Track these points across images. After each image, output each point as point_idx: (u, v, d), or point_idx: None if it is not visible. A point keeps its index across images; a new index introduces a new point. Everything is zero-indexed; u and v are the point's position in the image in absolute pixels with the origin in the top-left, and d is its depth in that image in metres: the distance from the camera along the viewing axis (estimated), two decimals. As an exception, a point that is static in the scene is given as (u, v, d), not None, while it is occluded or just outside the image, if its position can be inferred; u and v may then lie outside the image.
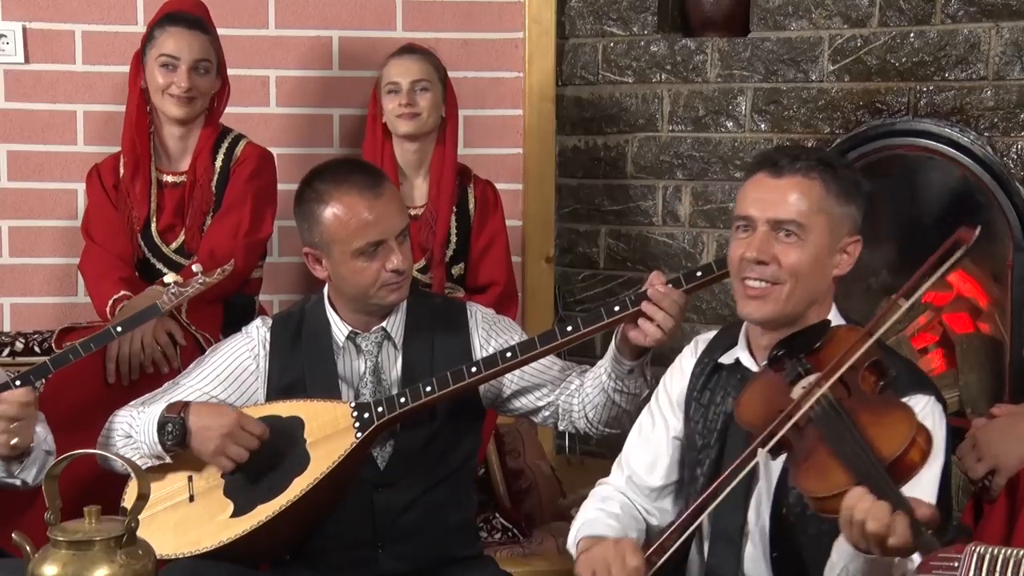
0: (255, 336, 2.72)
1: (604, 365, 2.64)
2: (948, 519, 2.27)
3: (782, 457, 2.09)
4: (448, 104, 3.59)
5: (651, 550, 2.16)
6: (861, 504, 1.84)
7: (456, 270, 3.58)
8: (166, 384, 2.78)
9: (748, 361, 2.31)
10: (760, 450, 2.05)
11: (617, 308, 2.58)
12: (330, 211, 2.57)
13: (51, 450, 2.66)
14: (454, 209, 3.58)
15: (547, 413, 2.74)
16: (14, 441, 2.53)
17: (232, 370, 2.70)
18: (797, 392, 2.07)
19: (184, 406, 2.57)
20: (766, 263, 2.22)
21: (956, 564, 1.87)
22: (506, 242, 3.66)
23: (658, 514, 2.42)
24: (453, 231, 3.58)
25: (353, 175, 2.60)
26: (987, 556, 1.86)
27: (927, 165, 3.56)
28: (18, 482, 2.62)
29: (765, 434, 2.04)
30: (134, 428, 2.61)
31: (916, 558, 1.89)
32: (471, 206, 3.59)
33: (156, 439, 2.56)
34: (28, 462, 2.60)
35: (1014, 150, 3.35)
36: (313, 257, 2.65)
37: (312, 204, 2.60)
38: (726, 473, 2.11)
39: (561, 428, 2.79)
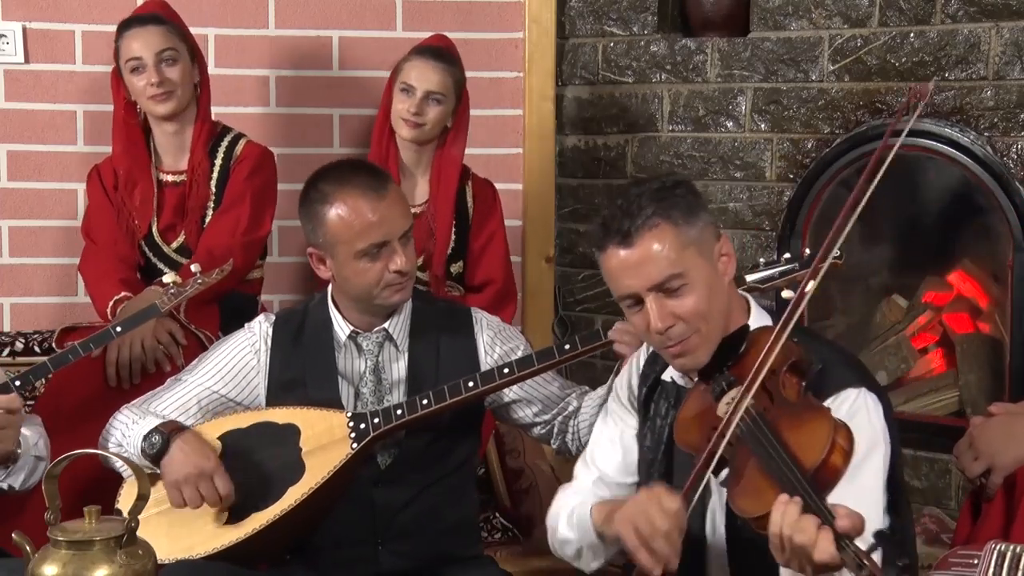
0: (257, 331, 2.73)
1: (603, 394, 2.68)
2: (906, 512, 2.22)
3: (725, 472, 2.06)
4: (459, 112, 3.54)
5: (684, 490, 2.09)
6: (787, 519, 1.81)
7: (455, 268, 3.58)
8: (169, 380, 2.78)
9: (682, 380, 2.28)
10: (708, 474, 2.01)
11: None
12: (334, 212, 2.57)
13: (42, 455, 2.66)
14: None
15: (542, 430, 2.77)
16: None
17: (233, 365, 2.70)
18: (722, 408, 2.04)
19: (178, 429, 2.57)
20: (671, 325, 2.15)
21: (976, 561, 1.86)
22: (504, 241, 3.65)
23: None
24: (451, 229, 3.57)
25: (357, 176, 2.60)
26: (1008, 553, 1.85)
27: (927, 165, 3.56)
28: (5, 486, 2.62)
29: (704, 458, 2.01)
30: (126, 437, 2.62)
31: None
32: (469, 204, 3.58)
33: (139, 449, 2.56)
34: (15, 468, 2.60)
35: (1014, 150, 3.35)
36: (317, 257, 2.66)
37: (316, 205, 2.60)
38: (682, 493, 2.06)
39: (554, 446, 2.81)
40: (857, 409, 2.06)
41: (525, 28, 4.02)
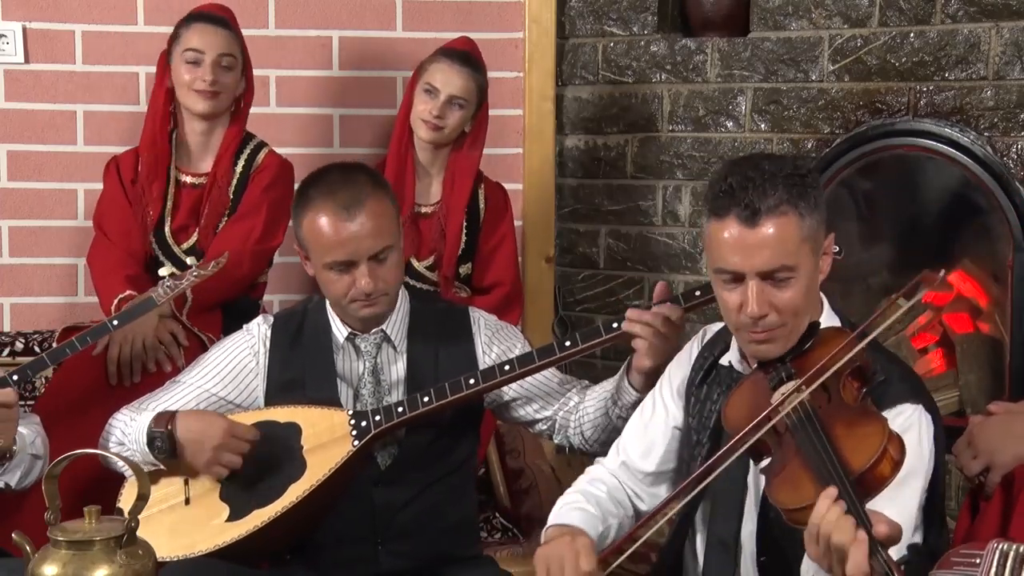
0: (255, 333, 2.73)
1: (610, 389, 2.66)
2: (942, 529, 2.23)
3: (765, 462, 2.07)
4: (479, 117, 3.53)
5: (607, 550, 2.14)
6: (829, 515, 1.80)
7: (464, 269, 3.58)
8: (167, 382, 2.78)
9: (740, 366, 2.28)
10: (734, 456, 2.02)
11: (616, 325, 2.61)
12: (308, 221, 2.60)
13: (39, 454, 2.65)
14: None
15: (544, 426, 2.78)
16: None
17: (232, 367, 2.71)
18: (776, 397, 2.03)
19: (171, 417, 2.58)
20: (766, 314, 2.12)
21: (978, 560, 1.86)
22: (514, 245, 3.66)
23: (648, 499, 2.39)
24: (462, 231, 3.57)
25: (339, 191, 2.58)
26: (1011, 553, 1.85)
27: (927, 165, 3.56)
28: (1, 484, 2.62)
29: (739, 437, 2.01)
30: (127, 436, 2.63)
31: None
32: (481, 206, 3.58)
33: (147, 451, 2.58)
34: (11, 465, 2.59)
35: (1014, 150, 3.35)
36: (302, 255, 2.69)
37: (301, 208, 2.63)
38: (695, 474, 2.08)
39: (556, 442, 2.81)
40: (910, 425, 2.06)
41: (525, 28, 4.02)
